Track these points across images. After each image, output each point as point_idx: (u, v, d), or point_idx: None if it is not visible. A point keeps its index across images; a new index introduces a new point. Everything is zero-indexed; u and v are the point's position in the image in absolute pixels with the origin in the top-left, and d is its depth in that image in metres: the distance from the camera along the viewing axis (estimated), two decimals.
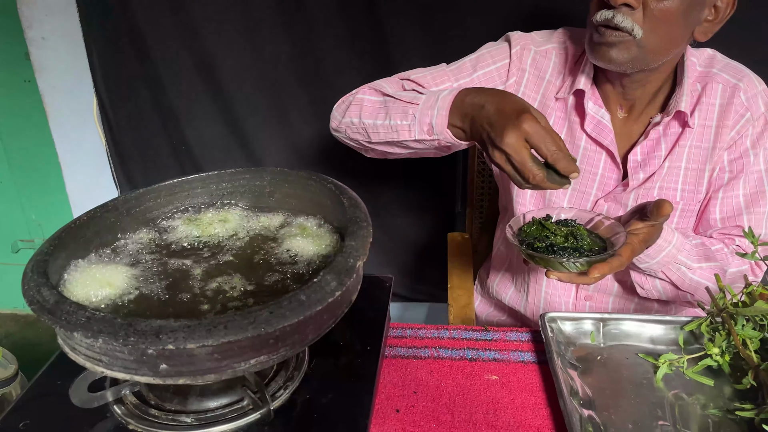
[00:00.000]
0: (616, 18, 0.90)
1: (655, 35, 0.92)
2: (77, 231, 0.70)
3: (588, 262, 0.83)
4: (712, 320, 0.87)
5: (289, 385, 0.70)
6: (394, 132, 0.96)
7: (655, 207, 0.84)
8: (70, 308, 0.55)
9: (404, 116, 0.94)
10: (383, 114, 0.99)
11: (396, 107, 0.97)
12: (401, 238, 1.94)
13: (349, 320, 0.78)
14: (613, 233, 0.89)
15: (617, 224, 0.89)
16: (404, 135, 0.95)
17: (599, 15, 0.92)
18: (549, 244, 0.86)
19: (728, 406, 0.77)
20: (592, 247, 0.87)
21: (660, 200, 0.84)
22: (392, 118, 0.96)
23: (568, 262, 0.83)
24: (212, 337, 0.52)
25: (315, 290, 0.57)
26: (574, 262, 0.83)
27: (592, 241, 0.89)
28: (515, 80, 1.12)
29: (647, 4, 0.89)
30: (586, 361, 0.86)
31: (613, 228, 0.89)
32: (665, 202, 0.83)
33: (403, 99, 0.97)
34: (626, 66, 0.96)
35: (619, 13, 0.89)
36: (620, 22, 0.90)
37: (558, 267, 0.85)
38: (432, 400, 0.81)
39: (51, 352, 0.76)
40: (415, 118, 0.93)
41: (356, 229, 0.66)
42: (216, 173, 0.82)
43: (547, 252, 0.85)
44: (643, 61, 0.95)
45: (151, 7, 1.67)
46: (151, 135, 1.87)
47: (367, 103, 1.03)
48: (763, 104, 1.04)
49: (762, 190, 1.07)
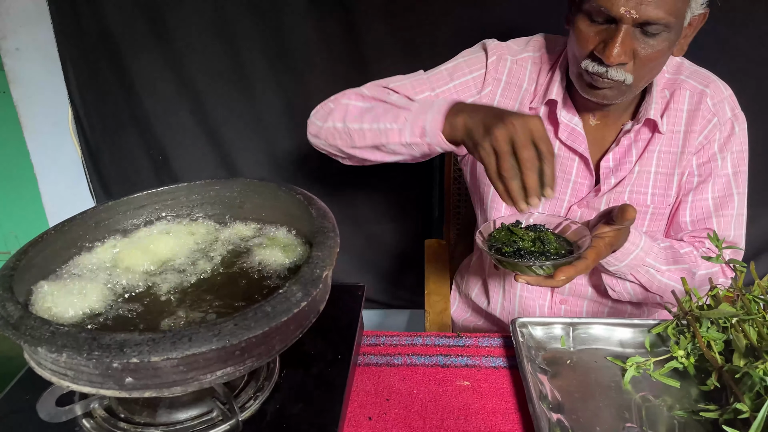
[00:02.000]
0: (610, 73, 0.92)
1: (643, 75, 0.95)
2: (45, 245, 0.70)
3: (554, 265, 0.85)
4: (678, 323, 0.88)
5: (259, 396, 0.71)
6: (383, 135, 0.96)
7: (620, 211, 0.86)
8: (34, 323, 0.55)
9: (395, 120, 0.95)
10: (371, 117, 0.99)
11: (387, 111, 0.97)
12: (380, 246, 1.95)
13: (321, 329, 0.79)
14: (579, 237, 0.91)
15: (584, 228, 0.91)
16: (393, 138, 0.95)
17: (591, 66, 0.94)
18: (516, 249, 0.88)
19: (693, 407, 0.79)
20: (558, 251, 0.89)
21: (624, 205, 0.86)
22: (382, 121, 0.97)
23: (534, 265, 0.85)
24: (177, 349, 0.52)
25: (280, 301, 0.57)
26: (540, 265, 0.85)
27: (559, 245, 0.90)
28: (491, 90, 1.13)
29: (637, 55, 0.91)
30: (556, 365, 0.87)
31: (580, 232, 0.91)
32: (629, 207, 0.85)
33: (395, 104, 0.98)
34: (615, 101, 1.00)
35: (612, 68, 0.92)
36: (613, 76, 0.93)
37: (525, 271, 0.87)
38: (404, 407, 0.82)
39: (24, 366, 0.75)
40: (407, 122, 0.93)
41: (323, 239, 0.66)
42: (185, 185, 0.82)
43: (514, 256, 0.87)
44: (631, 94, 1.00)
45: (125, 18, 1.67)
46: (128, 145, 1.86)
47: (353, 108, 1.03)
48: (730, 109, 1.07)
49: (730, 193, 1.09)
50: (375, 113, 0.99)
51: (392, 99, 1.01)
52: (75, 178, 1.97)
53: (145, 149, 1.86)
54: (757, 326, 0.81)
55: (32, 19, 1.76)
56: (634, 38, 0.90)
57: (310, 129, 1.11)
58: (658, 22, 0.87)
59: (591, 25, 0.92)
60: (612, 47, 0.89)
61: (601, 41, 0.92)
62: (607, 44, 0.90)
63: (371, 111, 1.00)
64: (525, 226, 0.95)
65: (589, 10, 0.91)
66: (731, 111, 1.07)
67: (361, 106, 1.03)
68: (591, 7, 0.90)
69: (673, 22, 0.89)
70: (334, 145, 1.07)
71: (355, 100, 1.05)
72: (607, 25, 0.91)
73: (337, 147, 1.06)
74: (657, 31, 0.89)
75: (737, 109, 1.09)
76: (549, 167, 0.79)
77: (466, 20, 1.60)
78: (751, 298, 0.85)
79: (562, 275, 0.85)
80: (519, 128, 0.78)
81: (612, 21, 0.90)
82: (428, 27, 1.61)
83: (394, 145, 0.96)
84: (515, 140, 0.78)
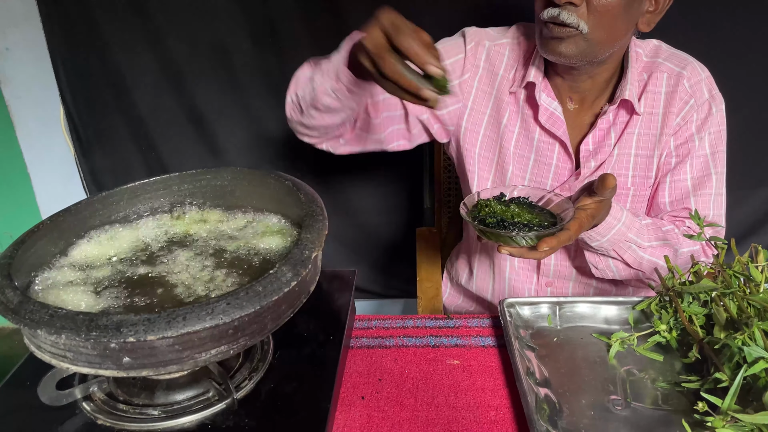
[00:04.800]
0: (562, 15, 0.94)
1: (599, 28, 0.96)
2: (41, 235, 0.72)
3: (537, 236, 0.85)
4: (661, 299, 0.91)
5: (254, 376, 0.73)
6: (315, 93, 0.93)
7: (600, 181, 0.87)
8: (33, 307, 0.57)
9: (322, 73, 0.91)
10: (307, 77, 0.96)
11: (317, 70, 0.94)
12: (373, 236, 1.97)
13: (314, 312, 0.82)
14: (562, 209, 0.91)
15: (567, 201, 0.91)
16: (320, 91, 0.91)
17: (545, 13, 0.96)
18: (500, 220, 0.88)
19: (676, 378, 0.81)
20: (542, 222, 0.89)
21: (604, 174, 0.86)
22: (314, 80, 0.93)
23: (518, 236, 0.85)
24: (171, 328, 0.54)
25: (271, 281, 0.59)
26: (524, 236, 0.85)
27: (543, 216, 0.91)
28: (470, 75, 1.15)
29: (589, 1, 0.93)
30: (544, 342, 0.90)
31: (563, 205, 0.91)
32: (609, 176, 0.86)
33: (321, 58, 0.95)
34: (575, 59, 1.00)
35: (564, 10, 0.94)
36: (566, 18, 0.94)
37: (508, 241, 0.86)
38: (396, 387, 0.84)
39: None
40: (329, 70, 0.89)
41: (312, 222, 0.68)
42: (177, 174, 0.84)
43: (498, 227, 0.87)
44: (591, 54, 0.99)
45: (114, 16, 1.68)
46: (120, 141, 1.87)
47: (301, 77, 0.99)
48: (707, 91, 1.09)
49: (708, 173, 1.11)
50: (311, 72, 0.95)
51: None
52: (68, 176, 1.99)
53: (137, 145, 1.87)
54: (737, 300, 0.83)
55: (21, 19, 1.78)
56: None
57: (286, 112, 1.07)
58: None
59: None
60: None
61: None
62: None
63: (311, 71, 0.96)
64: (509, 198, 0.95)
65: None
66: (708, 92, 1.09)
67: (308, 74, 0.98)
68: None
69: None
70: (299, 122, 1.04)
71: (303, 69, 1.01)
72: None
73: (302, 123, 1.03)
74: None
75: (715, 90, 1.10)
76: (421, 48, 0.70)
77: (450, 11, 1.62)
78: (732, 274, 0.87)
79: (545, 246, 0.85)
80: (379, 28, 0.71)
81: None
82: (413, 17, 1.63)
83: (324, 97, 0.92)
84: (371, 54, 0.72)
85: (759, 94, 1.69)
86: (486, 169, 1.18)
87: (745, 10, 1.58)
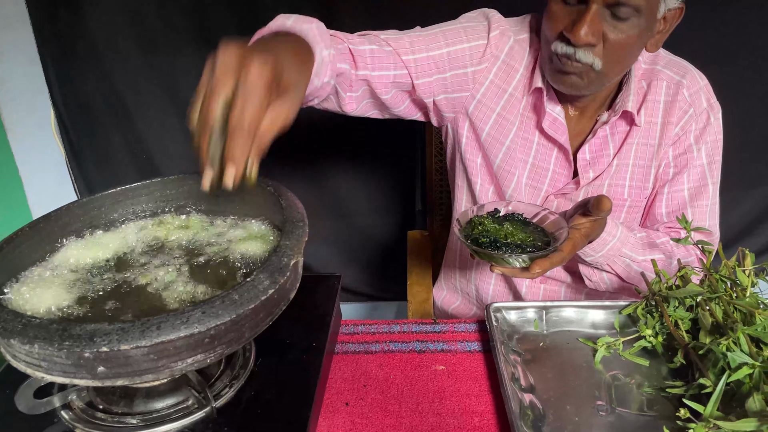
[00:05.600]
0: (578, 54, 0.92)
1: (613, 63, 0.95)
2: (19, 242, 0.71)
3: (530, 258, 0.85)
4: (648, 304, 0.90)
5: (235, 384, 0.72)
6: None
7: (596, 202, 0.85)
8: (7, 316, 0.56)
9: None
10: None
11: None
12: (365, 239, 1.97)
13: (296, 318, 0.81)
14: (557, 228, 0.90)
15: (561, 219, 0.91)
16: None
17: (560, 47, 0.94)
18: (493, 240, 0.88)
19: (661, 384, 0.81)
20: (535, 242, 0.89)
21: (600, 196, 0.85)
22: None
23: (510, 257, 0.85)
24: (145, 338, 0.54)
25: (248, 289, 0.59)
26: (516, 258, 0.85)
27: (537, 235, 0.90)
28: (487, 66, 1.07)
29: (606, 38, 0.91)
30: (530, 347, 0.89)
31: (558, 223, 0.91)
32: (605, 198, 0.84)
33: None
34: (584, 90, 0.99)
35: (580, 49, 0.92)
36: (581, 57, 0.92)
37: (501, 262, 0.87)
38: (381, 393, 0.83)
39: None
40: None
41: (291, 228, 0.68)
42: (160, 180, 0.83)
43: (491, 247, 0.87)
44: (600, 84, 0.99)
45: (104, 19, 1.68)
46: (111, 144, 1.87)
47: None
48: (705, 100, 1.08)
49: (705, 183, 1.10)
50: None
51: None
52: (60, 179, 1.98)
53: (129, 148, 1.87)
54: (723, 304, 0.83)
55: (12, 22, 1.77)
56: (604, 20, 0.90)
57: None
58: (629, 3, 0.87)
59: (563, 7, 0.92)
60: (580, 26, 0.89)
61: (571, 21, 0.91)
62: (576, 23, 0.90)
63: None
64: (503, 215, 0.95)
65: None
66: (707, 101, 1.08)
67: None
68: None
69: (643, 6, 0.89)
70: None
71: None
72: (579, 6, 0.91)
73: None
74: (627, 15, 0.89)
75: (713, 98, 1.09)
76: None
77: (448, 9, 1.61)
78: (718, 278, 0.87)
79: (537, 268, 0.85)
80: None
81: (584, 1, 0.90)
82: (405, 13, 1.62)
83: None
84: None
85: (750, 96, 1.69)
86: (484, 165, 1.16)
87: (737, 12, 1.58)
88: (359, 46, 0.98)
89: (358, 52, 0.97)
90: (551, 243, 0.88)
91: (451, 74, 1.06)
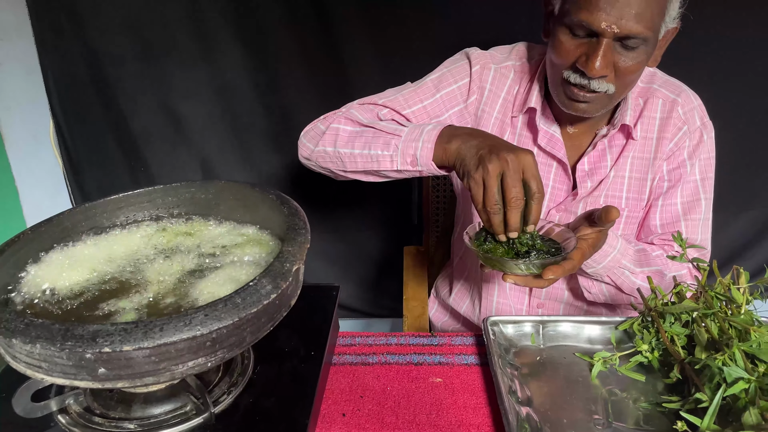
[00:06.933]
0: (593, 84, 0.95)
1: (624, 87, 0.99)
2: (21, 245, 0.72)
3: (542, 264, 0.85)
4: (644, 319, 0.91)
5: (233, 390, 0.72)
6: (375, 162, 0.99)
7: (603, 212, 0.87)
8: (9, 316, 0.56)
9: (386, 147, 0.97)
10: (361, 143, 1.00)
11: (377, 137, 0.99)
12: (361, 254, 1.97)
13: (295, 327, 0.81)
14: (564, 239, 0.91)
15: (567, 230, 0.92)
16: (385, 165, 0.98)
17: (573, 78, 0.97)
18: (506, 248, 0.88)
19: (657, 399, 0.81)
20: (548, 249, 0.89)
21: (607, 206, 0.87)
22: (373, 147, 0.98)
23: (523, 264, 0.85)
24: (148, 339, 0.54)
25: (250, 293, 0.59)
26: (529, 264, 0.85)
27: (546, 245, 0.91)
28: (476, 98, 1.16)
29: (617, 67, 0.95)
30: (527, 361, 0.90)
31: (564, 234, 0.92)
32: (612, 209, 0.86)
33: (384, 130, 1.00)
34: (595, 113, 1.03)
35: (595, 80, 0.95)
36: (596, 87, 0.96)
37: (514, 270, 0.87)
38: (378, 404, 0.83)
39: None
40: (398, 149, 0.96)
41: (294, 235, 0.68)
42: (161, 187, 0.84)
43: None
44: (610, 105, 1.03)
45: (105, 30, 1.69)
46: (109, 156, 1.87)
47: (343, 133, 1.04)
48: (699, 118, 1.11)
49: (698, 198, 1.13)
50: (365, 139, 1.00)
51: (382, 125, 1.01)
52: (56, 189, 1.98)
53: (126, 159, 1.87)
54: (718, 321, 0.83)
55: (13, 32, 1.78)
56: (615, 51, 0.93)
57: (301, 151, 1.12)
58: (637, 36, 0.91)
59: (572, 39, 0.95)
60: (594, 60, 0.92)
61: (582, 54, 0.94)
62: (590, 57, 0.93)
63: (361, 136, 1.01)
64: None
65: (570, 24, 0.94)
66: (700, 120, 1.11)
67: (351, 130, 1.04)
68: (572, 21, 0.93)
69: (650, 35, 0.92)
70: (325, 168, 1.08)
71: (344, 124, 1.06)
72: (588, 39, 0.94)
73: (329, 169, 1.08)
74: (636, 45, 0.93)
75: (706, 117, 1.13)
76: (536, 205, 0.82)
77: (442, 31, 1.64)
78: (713, 295, 0.87)
79: (550, 274, 0.85)
80: (511, 165, 0.81)
81: (593, 35, 0.93)
82: (405, 38, 1.65)
83: (386, 171, 0.99)
84: (505, 176, 0.81)
85: (743, 119, 1.72)
86: None
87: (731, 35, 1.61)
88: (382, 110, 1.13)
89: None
90: (560, 251, 0.89)
91: (448, 114, 1.16)
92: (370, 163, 0.99)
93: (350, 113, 1.09)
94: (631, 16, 0.89)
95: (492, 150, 0.83)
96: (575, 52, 0.96)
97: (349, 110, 1.10)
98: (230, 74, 1.75)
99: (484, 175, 0.82)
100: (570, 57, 0.96)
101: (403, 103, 1.13)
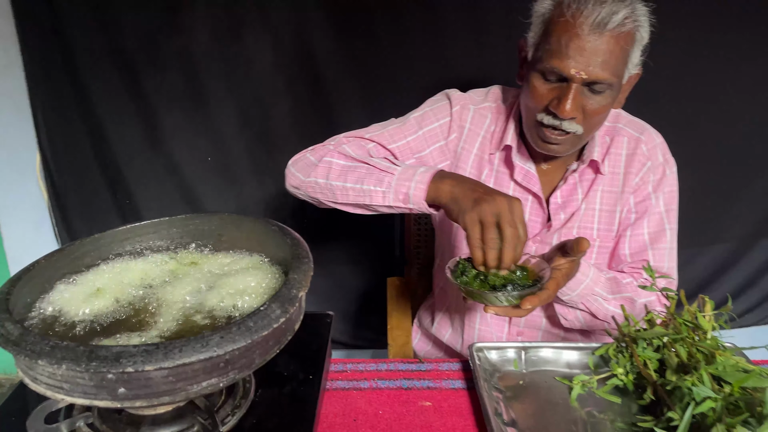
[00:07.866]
0: (564, 125, 1.05)
1: (591, 127, 1.08)
2: (35, 273, 0.75)
3: (520, 295, 0.92)
4: (618, 345, 0.97)
5: (237, 412, 0.76)
6: (366, 196, 1.04)
7: (575, 243, 0.95)
8: (34, 339, 0.60)
9: (379, 183, 1.03)
10: (354, 178, 1.06)
11: (370, 174, 1.04)
12: (344, 286, 2.02)
13: (293, 353, 0.85)
14: (540, 269, 0.98)
15: (543, 262, 0.99)
16: (377, 200, 1.03)
17: (545, 119, 1.06)
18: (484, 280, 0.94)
19: (633, 419, 0.87)
20: (522, 281, 0.96)
21: (579, 238, 0.95)
22: (365, 183, 1.04)
23: (502, 296, 0.92)
24: (168, 359, 0.58)
25: (261, 317, 0.64)
26: (508, 296, 0.92)
27: (522, 276, 0.97)
28: (456, 136, 1.24)
29: (585, 109, 1.04)
30: (510, 385, 0.95)
31: (540, 265, 0.99)
32: (583, 240, 0.94)
33: (377, 166, 1.05)
34: (565, 153, 1.13)
35: (566, 121, 1.04)
36: (567, 128, 1.05)
37: (494, 301, 0.93)
38: (371, 427, 0.87)
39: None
40: (391, 187, 1.01)
41: (298, 264, 0.73)
42: (167, 219, 0.88)
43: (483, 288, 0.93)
44: (579, 145, 1.13)
45: (95, 65, 1.74)
46: (95, 190, 1.90)
47: (336, 166, 1.09)
48: (662, 155, 1.21)
49: (662, 228, 1.21)
50: (358, 174, 1.06)
51: (374, 162, 1.07)
52: (38, 224, 1.99)
53: (112, 192, 1.90)
54: (687, 346, 0.90)
55: (3, 66, 1.81)
56: (583, 95, 1.03)
57: (290, 180, 1.16)
58: (603, 81, 1.00)
59: (545, 83, 1.05)
60: (565, 102, 1.01)
61: (554, 97, 1.04)
62: (561, 100, 1.02)
63: (354, 171, 1.07)
64: None
65: (543, 69, 1.03)
66: (663, 156, 1.21)
67: (344, 164, 1.09)
68: (545, 67, 1.02)
69: (615, 81, 1.02)
70: (314, 198, 1.13)
71: (337, 158, 1.11)
72: (559, 84, 1.03)
73: (317, 199, 1.12)
74: (602, 90, 1.02)
75: (668, 154, 1.22)
76: (520, 246, 0.90)
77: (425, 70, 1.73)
78: (682, 322, 0.94)
79: (528, 304, 0.92)
80: (506, 207, 0.88)
81: (564, 80, 1.02)
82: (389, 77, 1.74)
83: (376, 205, 1.04)
84: (501, 216, 0.88)
85: (707, 157, 1.83)
86: None
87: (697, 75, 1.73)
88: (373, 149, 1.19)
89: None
90: (537, 282, 0.95)
91: (430, 150, 1.23)
92: (361, 197, 1.05)
93: (342, 148, 1.14)
94: (597, 64, 0.99)
95: (488, 193, 0.90)
96: (548, 95, 1.05)
97: (340, 145, 1.16)
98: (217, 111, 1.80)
99: (480, 214, 0.89)
100: (543, 100, 1.05)
101: (388, 138, 1.20)
